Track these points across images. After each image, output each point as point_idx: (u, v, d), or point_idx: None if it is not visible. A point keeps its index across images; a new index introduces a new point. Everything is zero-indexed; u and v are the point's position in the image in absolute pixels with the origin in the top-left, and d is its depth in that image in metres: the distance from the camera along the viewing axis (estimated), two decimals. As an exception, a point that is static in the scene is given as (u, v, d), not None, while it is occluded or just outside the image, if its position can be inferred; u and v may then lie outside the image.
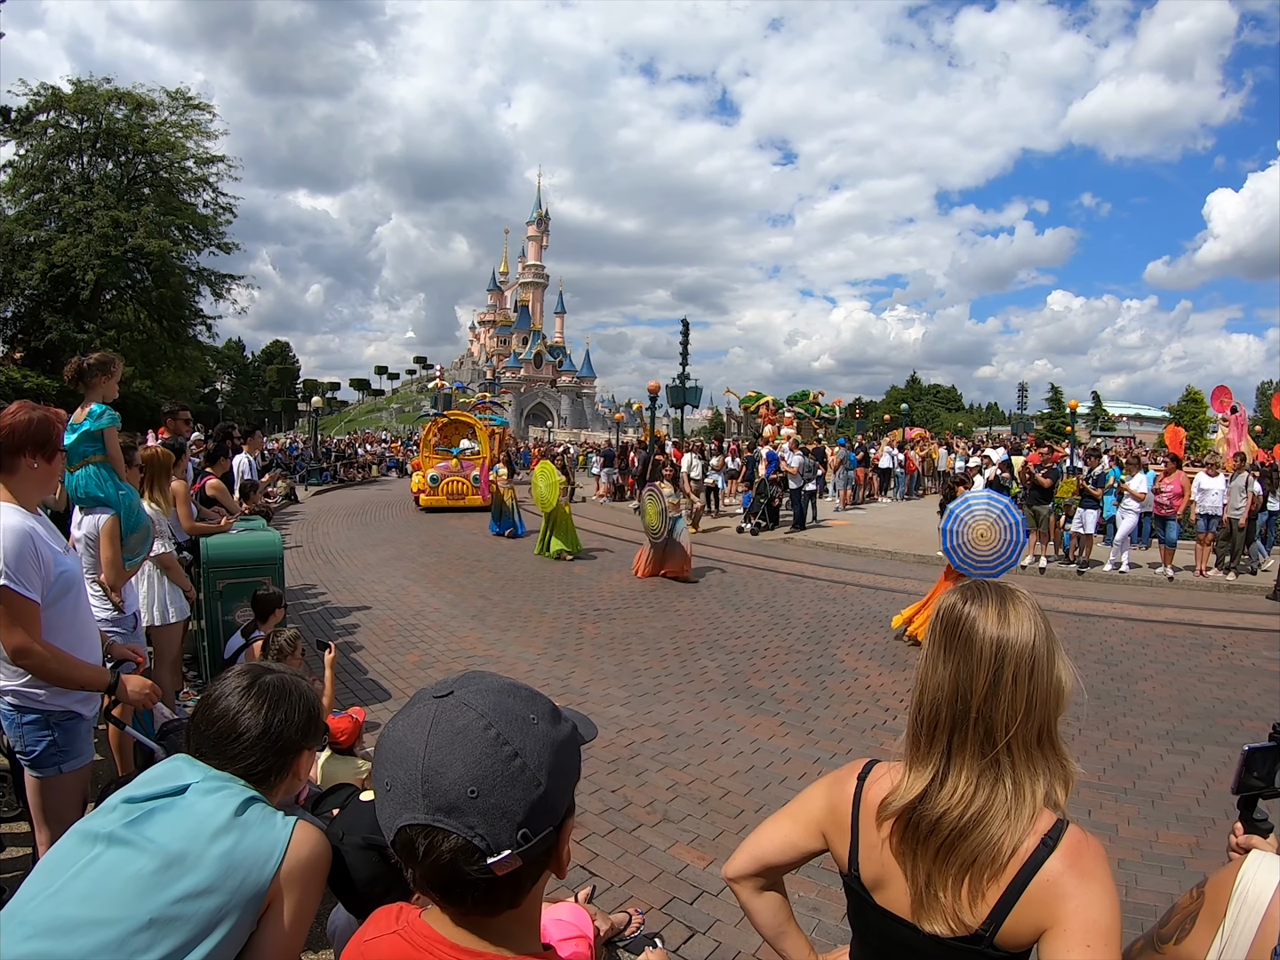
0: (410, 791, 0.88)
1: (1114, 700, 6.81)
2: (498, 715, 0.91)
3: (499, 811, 0.87)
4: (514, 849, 0.87)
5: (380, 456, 39.32)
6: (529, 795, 0.89)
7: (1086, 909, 1.19)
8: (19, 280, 30.26)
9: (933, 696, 1.34)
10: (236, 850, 1.50)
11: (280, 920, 1.53)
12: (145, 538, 4.51)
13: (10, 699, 2.78)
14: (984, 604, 1.33)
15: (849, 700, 6.64)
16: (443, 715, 0.91)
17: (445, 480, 21.48)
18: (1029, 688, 1.27)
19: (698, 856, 4.17)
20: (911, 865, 1.33)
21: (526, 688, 1.00)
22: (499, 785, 0.87)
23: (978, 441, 37.48)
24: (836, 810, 1.47)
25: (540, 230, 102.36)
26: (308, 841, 1.60)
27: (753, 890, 1.59)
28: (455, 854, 0.86)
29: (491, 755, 0.88)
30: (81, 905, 1.39)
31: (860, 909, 1.45)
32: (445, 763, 0.87)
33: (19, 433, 2.71)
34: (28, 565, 2.60)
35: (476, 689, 0.95)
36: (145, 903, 1.40)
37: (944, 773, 1.32)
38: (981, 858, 1.26)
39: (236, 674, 1.74)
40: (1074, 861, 1.23)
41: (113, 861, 1.45)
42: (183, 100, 33.67)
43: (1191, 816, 4.77)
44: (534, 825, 0.89)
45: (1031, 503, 13.32)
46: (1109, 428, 70.16)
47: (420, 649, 7.89)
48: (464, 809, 0.86)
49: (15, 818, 4.07)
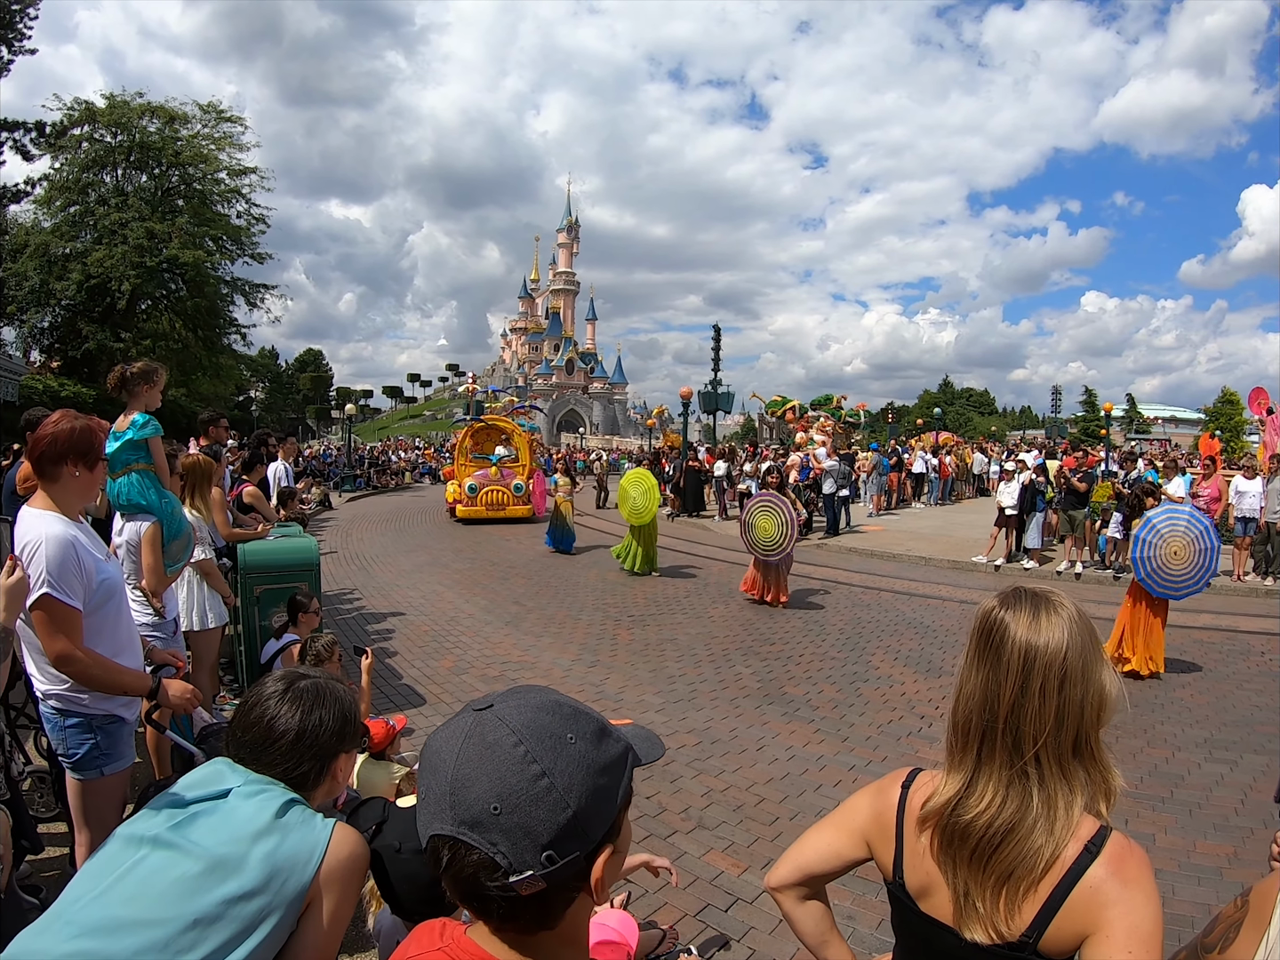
0: (440, 802, 0.87)
1: (1151, 707, 6.71)
2: (530, 733, 0.89)
3: (521, 831, 0.85)
4: (537, 870, 0.85)
5: (414, 463, 39.58)
6: (555, 817, 0.86)
7: (1129, 915, 1.19)
8: (56, 291, 30.77)
9: (965, 703, 1.35)
10: (278, 852, 1.52)
11: (319, 920, 1.55)
12: (186, 545, 4.57)
13: (54, 702, 2.81)
14: (1018, 610, 1.32)
15: (884, 707, 6.58)
16: (477, 729, 0.90)
17: (484, 490, 20.36)
18: (1058, 700, 1.25)
19: (732, 864, 4.15)
20: (952, 873, 1.33)
21: (572, 705, 0.97)
22: (522, 804, 0.85)
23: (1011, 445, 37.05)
24: (881, 818, 1.47)
25: (570, 237, 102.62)
26: (347, 842, 1.61)
27: (796, 899, 1.59)
28: (477, 868, 0.85)
29: (517, 773, 0.86)
30: (127, 906, 1.41)
31: (904, 917, 1.45)
32: (472, 777, 0.86)
33: (61, 442, 2.73)
34: (70, 573, 2.63)
35: (515, 704, 0.93)
36: (190, 904, 1.42)
37: (974, 780, 1.33)
38: (1018, 871, 1.26)
39: (273, 679, 1.77)
40: (1118, 868, 1.23)
41: (158, 864, 1.48)
42: (215, 113, 34.17)
43: (1229, 826, 4.69)
44: (560, 848, 0.86)
45: (1067, 507, 13.17)
46: (1144, 431, 69.24)
47: (454, 654, 7.93)
48: (487, 825, 0.85)
49: (53, 818, 4.14)
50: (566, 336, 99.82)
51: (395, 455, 40.52)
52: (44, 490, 2.78)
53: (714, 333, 25.97)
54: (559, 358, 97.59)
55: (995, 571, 13.42)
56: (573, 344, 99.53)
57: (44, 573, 2.56)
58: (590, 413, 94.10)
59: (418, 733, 5.62)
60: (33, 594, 2.53)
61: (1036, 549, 13.71)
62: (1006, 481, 13.98)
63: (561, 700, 0.97)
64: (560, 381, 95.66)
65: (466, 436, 23.05)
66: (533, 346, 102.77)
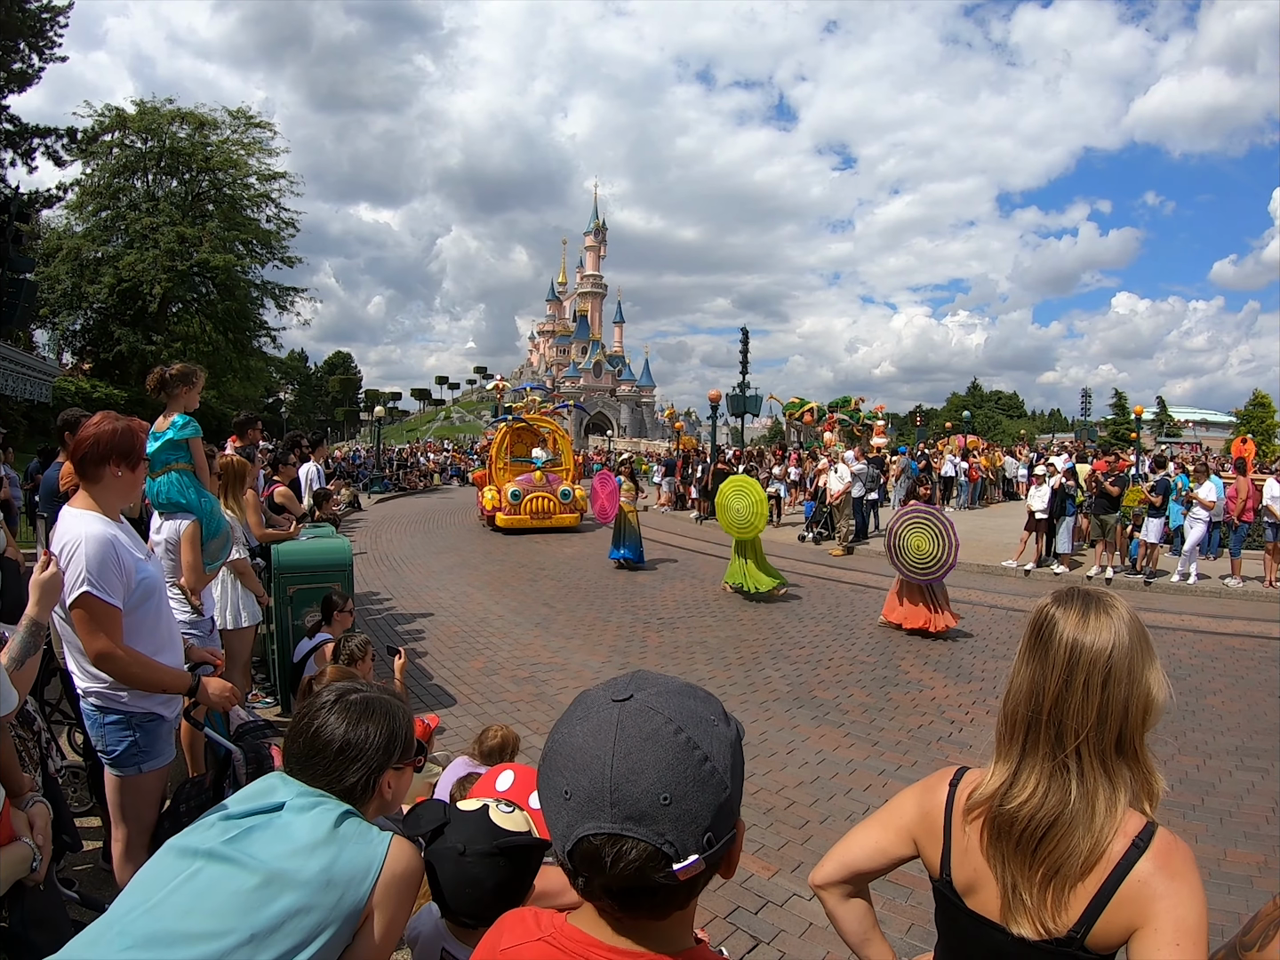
0: (595, 800, 0.85)
1: (1182, 714, 6.63)
2: (685, 718, 0.89)
3: (689, 818, 0.84)
4: (700, 854, 0.85)
5: (442, 465, 39.77)
6: (717, 799, 0.86)
7: (1177, 909, 1.21)
8: (88, 294, 31.41)
9: (1014, 695, 1.38)
10: (335, 866, 1.52)
11: (372, 934, 1.55)
12: (225, 543, 4.64)
13: (94, 699, 2.85)
14: (1069, 608, 1.35)
15: (914, 712, 6.55)
16: (628, 720, 0.88)
17: (529, 496, 18.54)
18: (1101, 697, 1.28)
19: (763, 867, 4.15)
20: (1000, 867, 1.35)
21: (702, 689, 0.97)
22: (691, 791, 0.85)
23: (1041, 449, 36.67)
24: (929, 816, 1.49)
25: (598, 240, 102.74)
26: (403, 857, 1.61)
27: (840, 897, 1.61)
28: (643, 862, 0.84)
29: (684, 760, 0.85)
30: (182, 919, 1.41)
31: (950, 914, 1.47)
32: (636, 770, 0.85)
33: (104, 443, 2.76)
34: (110, 572, 2.66)
35: (657, 690, 0.93)
36: (247, 918, 1.42)
37: (1017, 772, 1.36)
38: (1065, 868, 1.28)
39: (328, 690, 1.77)
40: (1165, 863, 1.25)
41: (214, 877, 1.47)
42: (244, 119, 34.76)
43: (1260, 835, 4.66)
44: (719, 829, 0.87)
45: (1098, 511, 13.01)
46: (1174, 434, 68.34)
47: (485, 656, 7.96)
48: (655, 816, 0.84)
49: (86, 813, 4.20)
50: (594, 339, 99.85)
51: (424, 457, 40.73)
52: (85, 490, 2.81)
53: (742, 336, 25.93)
54: (586, 360, 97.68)
55: (1025, 576, 13.29)
56: (600, 347, 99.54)
57: (84, 571, 2.59)
58: (618, 415, 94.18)
59: (449, 732, 5.65)
60: (74, 592, 2.57)
61: (1067, 554, 13.59)
62: (1036, 486, 13.87)
63: (692, 684, 0.97)
64: (588, 384, 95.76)
65: (505, 437, 21.00)
66: (560, 349, 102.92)
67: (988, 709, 6.60)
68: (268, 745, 2.98)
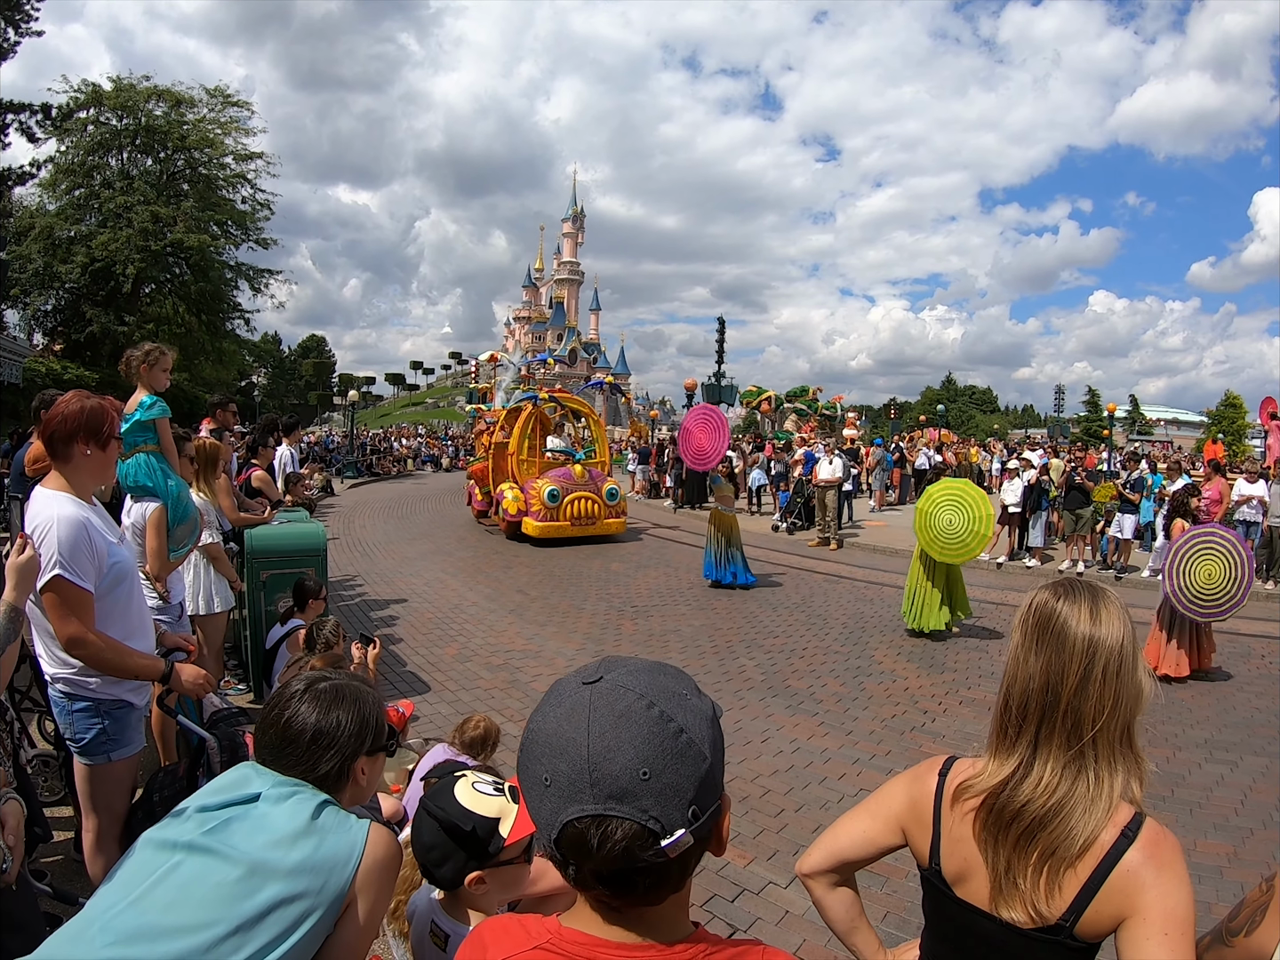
0: (576, 783, 0.85)
1: (1152, 707, 6.65)
2: (657, 693, 0.89)
3: (671, 791, 0.84)
4: (686, 827, 0.85)
5: (416, 451, 39.58)
6: (697, 770, 0.87)
7: (1165, 899, 1.23)
8: (59, 274, 30.81)
9: (1023, 688, 1.38)
10: (316, 855, 1.52)
11: (355, 920, 1.56)
12: (192, 529, 4.56)
13: (61, 686, 2.81)
14: (1076, 601, 1.39)
15: (887, 702, 6.59)
16: (599, 700, 0.88)
17: (570, 497, 14.29)
18: (1117, 684, 1.33)
19: (738, 855, 4.16)
20: (993, 852, 1.36)
21: (672, 665, 0.97)
22: (670, 764, 0.85)
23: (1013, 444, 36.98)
24: (918, 805, 1.51)
25: (576, 227, 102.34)
26: (382, 843, 1.62)
27: (827, 886, 1.61)
28: (629, 841, 0.83)
29: (659, 733, 0.86)
30: (166, 913, 1.41)
31: (938, 903, 1.48)
32: (612, 747, 0.85)
33: (72, 420, 2.72)
34: (81, 555, 2.62)
35: (627, 670, 0.92)
36: (232, 909, 1.42)
37: (1030, 762, 1.36)
38: (1061, 850, 1.30)
39: (297, 680, 1.77)
40: (1153, 853, 1.27)
41: (196, 870, 1.47)
42: (221, 97, 34.19)
43: (1229, 826, 4.73)
44: (702, 801, 0.87)
45: (1072, 506, 13.15)
46: (1146, 432, 69.22)
47: (459, 642, 7.94)
48: (636, 792, 0.83)
49: (57, 802, 4.13)
50: (570, 326, 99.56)
51: (398, 442, 40.50)
52: (57, 470, 2.77)
53: (718, 325, 26.03)
54: (562, 347, 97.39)
55: (998, 569, 13.44)
56: (576, 334, 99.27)
57: (55, 554, 2.56)
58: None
59: (423, 719, 5.62)
60: (44, 575, 2.52)
61: (1039, 547, 13.73)
62: (1009, 479, 13.99)
63: (662, 662, 0.97)
64: (563, 371, 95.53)
65: (529, 421, 15.81)
66: (536, 335, 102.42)
67: (960, 699, 6.66)
68: (241, 733, 2.95)
